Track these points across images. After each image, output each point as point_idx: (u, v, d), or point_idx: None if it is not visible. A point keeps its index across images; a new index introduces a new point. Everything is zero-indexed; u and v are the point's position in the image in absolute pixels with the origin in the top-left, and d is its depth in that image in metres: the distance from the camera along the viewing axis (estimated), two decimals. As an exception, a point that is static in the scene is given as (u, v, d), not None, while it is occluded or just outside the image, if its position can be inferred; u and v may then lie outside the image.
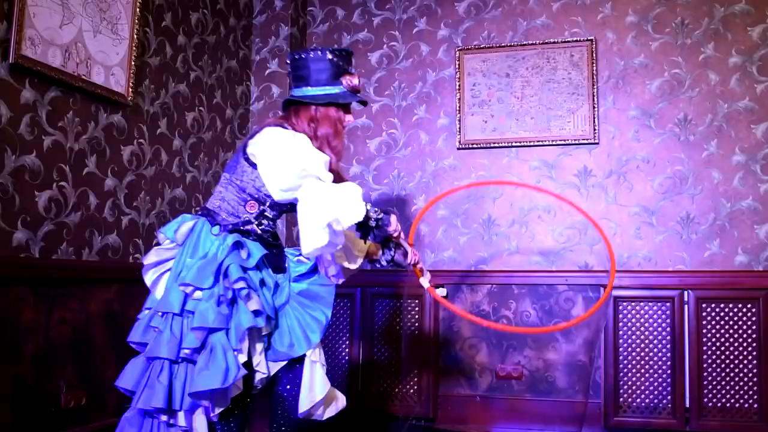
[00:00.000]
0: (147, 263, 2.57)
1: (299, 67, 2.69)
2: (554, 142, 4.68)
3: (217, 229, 2.57)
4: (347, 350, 4.73)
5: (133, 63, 3.66)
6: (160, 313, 2.44)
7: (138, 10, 3.70)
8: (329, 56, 2.67)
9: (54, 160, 3.21)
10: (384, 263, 2.94)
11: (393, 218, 2.67)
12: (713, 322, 4.26)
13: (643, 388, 4.31)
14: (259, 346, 2.56)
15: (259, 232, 2.64)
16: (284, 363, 2.67)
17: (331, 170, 2.52)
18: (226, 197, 2.62)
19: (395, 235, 2.71)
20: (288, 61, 2.78)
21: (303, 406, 2.67)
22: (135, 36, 3.69)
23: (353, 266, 2.89)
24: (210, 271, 2.43)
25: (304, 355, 2.69)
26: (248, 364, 2.51)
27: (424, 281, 2.98)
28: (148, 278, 2.57)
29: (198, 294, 2.43)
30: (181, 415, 2.43)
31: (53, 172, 3.20)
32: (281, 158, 2.44)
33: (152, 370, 2.40)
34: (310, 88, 2.68)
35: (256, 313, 2.48)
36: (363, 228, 2.57)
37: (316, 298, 2.76)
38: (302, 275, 2.79)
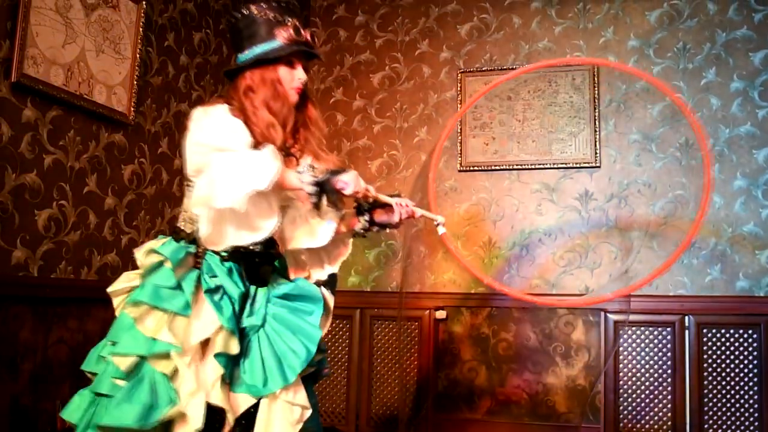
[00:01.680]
0: (112, 290, 2.29)
1: (233, 35, 2.43)
2: (555, 165, 4.68)
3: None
4: (346, 372, 4.71)
5: (135, 82, 3.67)
6: (110, 342, 2.15)
7: (141, 30, 3.71)
8: (255, 12, 2.35)
9: (54, 178, 3.21)
10: (363, 233, 2.56)
11: (349, 175, 2.24)
12: (714, 348, 4.24)
13: (643, 413, 4.28)
14: (214, 371, 2.13)
15: None
16: (254, 401, 2.20)
17: (277, 138, 2.26)
18: (184, 205, 2.35)
19: (359, 195, 2.30)
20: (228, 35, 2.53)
21: None
22: (137, 56, 3.69)
23: (319, 242, 2.43)
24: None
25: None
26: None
27: (440, 228, 2.65)
28: (115, 304, 2.29)
29: None
30: None
31: (53, 190, 3.20)
32: (188, 140, 2.20)
33: (97, 406, 2.10)
34: (243, 53, 2.37)
35: None
36: (317, 197, 2.19)
37: (299, 331, 2.28)
38: (286, 297, 2.35)
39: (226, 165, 2.10)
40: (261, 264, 2.36)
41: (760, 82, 4.44)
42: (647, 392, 4.30)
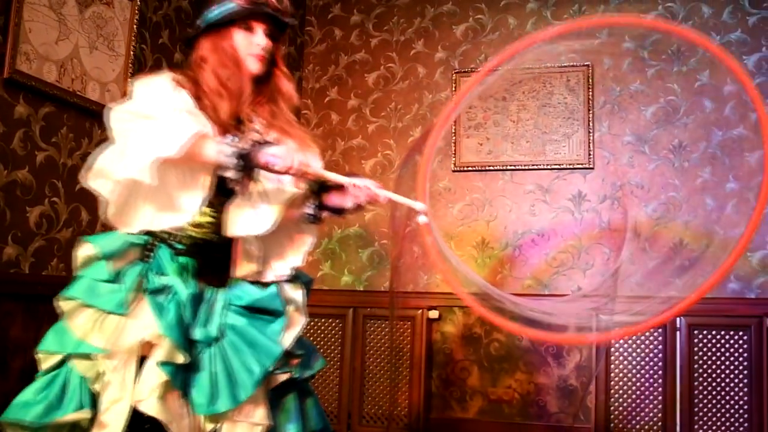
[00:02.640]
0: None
1: (197, 2, 2.25)
2: (549, 166, 4.69)
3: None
4: (339, 371, 4.71)
5: (128, 79, 3.66)
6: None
7: (135, 27, 3.71)
8: None
9: (47, 175, 3.20)
10: (313, 218, 2.25)
11: (281, 149, 1.96)
12: (705, 349, 4.25)
13: (634, 414, 4.29)
14: (153, 378, 1.92)
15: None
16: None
17: (222, 108, 2.06)
18: None
19: (292, 172, 1.98)
20: None
21: None
22: (131, 53, 3.69)
23: (258, 229, 2.07)
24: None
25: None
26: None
27: (421, 217, 2.28)
28: None
29: None
30: None
31: (45, 187, 3.19)
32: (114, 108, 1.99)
33: None
34: (199, 20, 2.19)
35: None
36: (239, 172, 1.94)
37: (257, 345, 2.04)
38: (247, 308, 2.09)
39: (138, 132, 1.91)
40: (222, 260, 2.11)
41: (753, 85, 4.44)
42: (638, 393, 4.30)
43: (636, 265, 4.49)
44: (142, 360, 1.94)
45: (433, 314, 4.67)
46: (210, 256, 2.10)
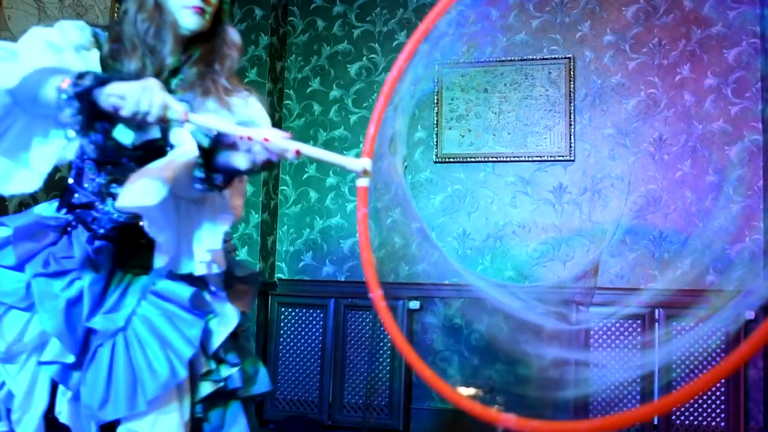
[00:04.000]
0: None
1: None
2: (530, 158, 4.71)
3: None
4: (319, 362, 4.72)
5: (109, 68, 3.65)
6: None
7: (115, 14, 3.69)
8: None
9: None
10: (206, 183, 1.78)
11: (130, 86, 1.54)
12: (683, 341, 4.29)
13: (612, 404, 4.33)
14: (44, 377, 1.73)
15: (85, 201, 1.85)
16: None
17: (132, 63, 1.81)
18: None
19: (151, 120, 1.56)
20: None
21: None
22: (112, 41, 3.67)
23: (145, 200, 1.65)
24: None
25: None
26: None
27: (360, 180, 1.79)
28: None
29: None
30: None
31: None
32: None
33: None
34: None
35: None
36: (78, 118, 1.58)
37: (169, 344, 1.76)
38: (163, 299, 1.83)
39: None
40: (148, 247, 1.78)
41: (733, 79, 4.48)
42: (617, 382, 4.34)
43: (616, 258, 4.52)
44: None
45: (414, 305, 4.68)
46: (135, 243, 1.83)
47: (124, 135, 1.73)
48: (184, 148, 1.70)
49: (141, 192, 1.62)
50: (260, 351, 4.72)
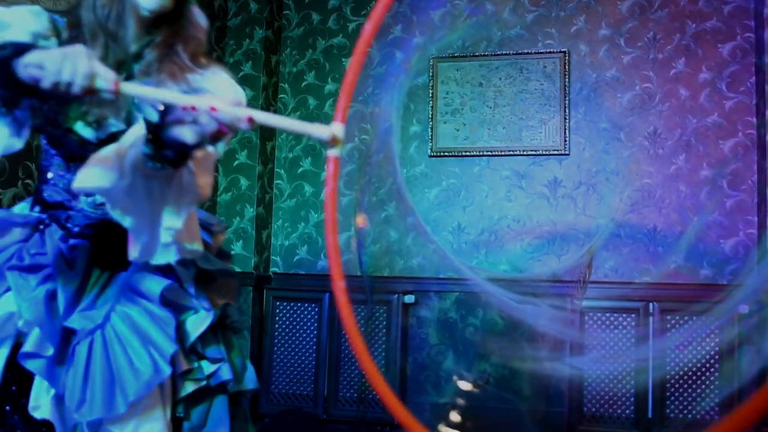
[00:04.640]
0: None
1: None
2: (525, 152, 4.71)
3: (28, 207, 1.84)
4: (314, 356, 4.72)
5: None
6: None
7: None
8: None
9: (19, 157, 3.17)
10: (154, 161, 1.51)
11: (47, 54, 1.37)
12: (677, 334, 4.30)
13: (607, 398, 4.34)
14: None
15: (57, 199, 1.78)
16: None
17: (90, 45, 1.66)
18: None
19: (76, 91, 1.37)
20: None
21: None
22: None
23: (97, 182, 1.49)
24: None
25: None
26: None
27: (331, 150, 1.50)
28: None
29: None
30: None
31: (18, 169, 3.17)
32: None
33: None
34: None
35: None
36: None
37: (151, 341, 1.68)
38: (141, 296, 1.75)
39: None
40: (124, 244, 1.65)
41: (727, 73, 4.49)
42: (611, 376, 4.35)
43: (611, 252, 4.53)
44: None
45: (409, 299, 4.68)
46: (111, 240, 1.74)
47: (85, 129, 1.65)
48: (137, 127, 1.54)
49: (96, 174, 1.47)
50: (255, 345, 4.72)
